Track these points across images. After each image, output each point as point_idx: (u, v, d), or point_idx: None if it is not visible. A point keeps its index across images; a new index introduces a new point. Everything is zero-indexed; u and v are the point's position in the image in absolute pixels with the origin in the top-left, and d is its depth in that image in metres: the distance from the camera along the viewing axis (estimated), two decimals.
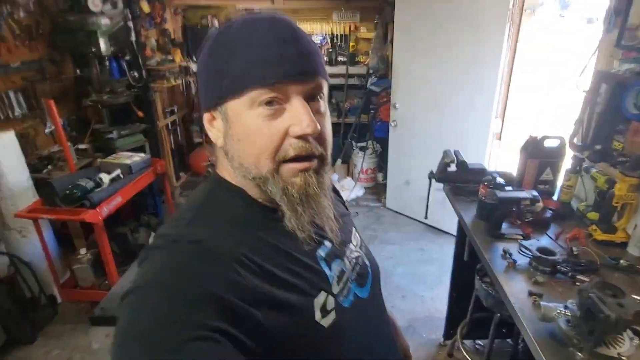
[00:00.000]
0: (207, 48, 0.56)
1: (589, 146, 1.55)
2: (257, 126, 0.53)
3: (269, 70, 0.51)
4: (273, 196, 0.56)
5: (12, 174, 2.16)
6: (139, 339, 0.42)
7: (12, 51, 2.55)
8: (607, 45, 1.59)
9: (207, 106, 0.58)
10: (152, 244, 0.54)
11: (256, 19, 0.54)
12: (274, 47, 0.51)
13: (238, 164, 0.56)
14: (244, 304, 0.48)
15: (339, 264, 0.64)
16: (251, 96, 0.52)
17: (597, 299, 0.81)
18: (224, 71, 0.53)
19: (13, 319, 2.09)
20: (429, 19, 2.86)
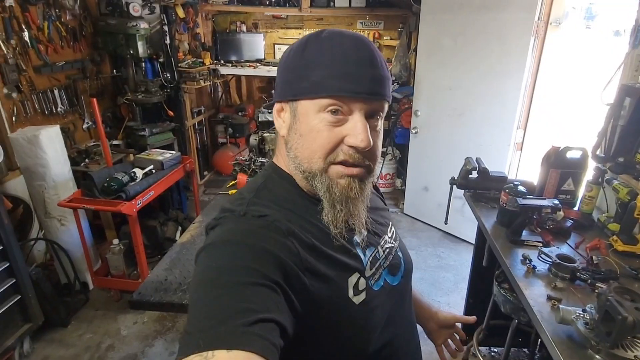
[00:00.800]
0: (296, 49, 0.63)
1: (611, 158, 1.58)
2: (319, 128, 0.61)
3: (343, 85, 0.58)
4: (317, 191, 0.64)
5: (56, 166, 2.31)
6: (216, 274, 0.52)
7: (58, 51, 2.72)
8: (633, 59, 1.63)
9: (281, 98, 0.66)
10: (219, 215, 0.64)
11: (344, 35, 0.62)
12: (353, 66, 0.59)
13: (294, 155, 0.65)
14: (297, 268, 0.57)
15: (373, 251, 0.71)
16: (322, 102, 0.60)
17: (615, 302, 0.86)
18: (306, 75, 0.60)
19: (50, 302, 2.22)
20: (453, 29, 2.91)
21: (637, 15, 1.66)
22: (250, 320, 0.46)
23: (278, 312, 0.50)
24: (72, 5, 2.77)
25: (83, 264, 2.50)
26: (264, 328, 0.47)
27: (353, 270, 0.65)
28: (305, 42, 0.63)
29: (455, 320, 0.98)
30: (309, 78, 0.60)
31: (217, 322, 0.46)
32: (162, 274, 1.65)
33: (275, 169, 0.71)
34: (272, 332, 0.48)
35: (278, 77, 0.67)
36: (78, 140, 2.94)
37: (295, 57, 0.63)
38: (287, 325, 0.52)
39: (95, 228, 2.72)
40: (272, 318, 0.49)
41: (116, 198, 2.24)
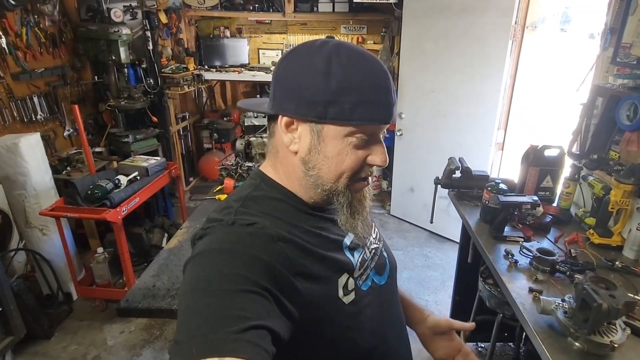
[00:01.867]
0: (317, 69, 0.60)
1: (586, 155, 1.65)
2: (347, 151, 0.63)
3: (374, 114, 0.61)
4: (337, 204, 0.67)
5: (37, 174, 2.26)
6: (205, 282, 0.52)
7: (37, 58, 2.68)
8: (603, 61, 1.70)
9: (300, 116, 0.62)
10: (206, 225, 0.64)
11: (366, 58, 0.62)
12: (381, 94, 0.61)
13: (317, 175, 0.65)
14: (287, 272, 0.58)
15: (361, 252, 0.73)
16: (353, 130, 0.61)
17: (591, 290, 0.90)
18: (338, 100, 0.59)
19: (32, 314, 2.16)
20: (435, 33, 2.98)
21: (606, 19, 1.74)
22: (241, 328, 0.46)
23: (269, 319, 0.51)
24: (51, 11, 2.74)
25: (66, 274, 2.45)
26: (256, 335, 0.47)
27: (343, 271, 0.67)
28: (328, 59, 0.60)
29: (450, 327, 0.86)
30: (339, 104, 0.59)
31: (208, 330, 0.46)
32: (150, 280, 1.63)
33: (264, 178, 0.71)
34: (264, 338, 0.48)
35: (285, 88, 0.63)
36: (59, 148, 2.89)
37: (318, 78, 0.60)
38: (280, 331, 0.52)
39: (79, 237, 2.67)
40: (264, 325, 0.49)
41: (100, 206, 2.21)
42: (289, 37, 4.29)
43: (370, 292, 0.70)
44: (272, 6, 3.85)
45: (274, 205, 0.67)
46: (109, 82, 3.15)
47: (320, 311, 0.62)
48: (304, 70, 0.61)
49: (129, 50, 3.04)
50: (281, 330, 0.53)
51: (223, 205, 0.68)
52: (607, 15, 1.74)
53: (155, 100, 3.41)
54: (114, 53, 2.93)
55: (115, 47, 2.91)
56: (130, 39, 3.02)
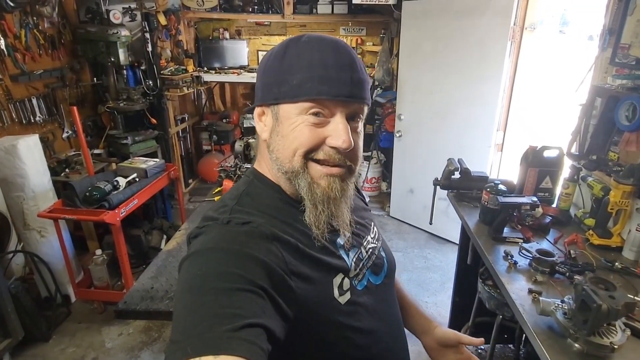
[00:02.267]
0: (276, 53, 0.64)
1: (585, 156, 1.64)
2: (301, 128, 0.62)
3: (323, 88, 0.60)
4: (300, 190, 0.65)
5: (35, 176, 2.26)
6: (200, 281, 0.52)
7: (36, 59, 2.68)
8: (602, 62, 1.70)
9: (262, 102, 0.67)
10: (202, 224, 0.63)
11: (324, 40, 0.63)
12: (332, 69, 0.60)
13: (275, 157, 0.66)
14: (282, 272, 0.58)
15: (356, 252, 0.73)
16: (303, 105, 0.61)
17: (590, 291, 0.89)
18: (286, 79, 0.61)
19: (30, 316, 2.16)
20: (433, 35, 2.99)
21: (605, 20, 1.74)
22: (236, 326, 0.46)
23: (265, 317, 0.51)
24: (50, 13, 2.74)
25: (64, 276, 2.44)
26: (251, 333, 0.47)
27: (337, 271, 0.66)
28: (285, 46, 0.64)
29: (457, 340, 0.84)
30: (289, 82, 0.61)
31: (203, 328, 0.46)
32: (148, 282, 1.62)
33: (257, 175, 0.71)
34: (260, 336, 0.48)
35: (258, 81, 0.68)
36: (58, 149, 2.89)
37: (275, 62, 0.64)
38: (275, 329, 0.52)
39: (77, 239, 2.66)
40: (259, 323, 0.49)
41: (99, 207, 2.20)
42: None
43: (365, 292, 0.70)
44: (271, 8, 3.86)
45: (267, 202, 0.67)
46: (108, 83, 3.15)
47: (316, 311, 0.62)
48: (267, 58, 0.66)
49: (128, 52, 3.04)
50: (276, 329, 0.53)
51: (219, 203, 0.68)
52: (605, 16, 1.74)
53: (154, 102, 3.41)
54: (113, 55, 2.93)
55: (114, 49, 2.91)
56: (129, 41, 3.03)
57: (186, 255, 0.59)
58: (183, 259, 0.58)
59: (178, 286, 0.55)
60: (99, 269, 2.39)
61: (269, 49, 3.42)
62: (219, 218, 0.62)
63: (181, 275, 0.56)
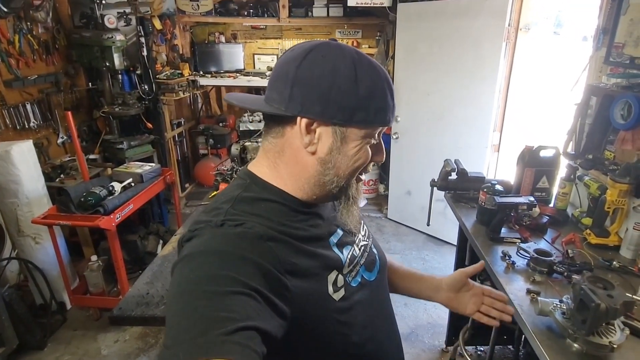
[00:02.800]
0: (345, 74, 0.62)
1: (581, 155, 1.64)
2: (362, 152, 0.67)
3: (390, 117, 0.67)
4: (340, 199, 0.70)
5: (29, 182, 2.24)
6: (193, 285, 0.52)
7: (30, 65, 2.66)
8: (597, 61, 1.71)
9: (325, 119, 0.63)
10: (195, 227, 0.62)
11: (376, 63, 0.67)
12: (392, 99, 0.67)
13: (334, 174, 0.67)
14: (277, 271, 0.58)
15: (349, 249, 0.74)
16: (370, 132, 0.66)
17: (588, 290, 0.89)
18: (364, 106, 0.63)
19: (25, 324, 2.13)
20: (429, 36, 2.99)
21: (599, 20, 1.75)
22: (230, 330, 0.46)
23: (259, 319, 0.50)
24: (44, 18, 2.73)
25: (60, 283, 2.41)
26: (245, 336, 0.47)
27: (332, 268, 0.67)
28: (353, 67, 0.62)
29: (464, 276, 0.90)
30: (366, 110, 0.64)
31: (196, 333, 0.46)
32: (144, 287, 1.60)
33: (254, 178, 0.70)
34: (253, 339, 0.48)
35: (313, 94, 0.62)
36: (52, 155, 2.87)
37: (347, 83, 0.62)
38: (272, 330, 0.52)
39: (73, 245, 2.63)
40: (253, 326, 0.49)
41: (94, 213, 2.18)
42: (284, 42, 4.30)
43: (360, 288, 0.71)
44: (266, 11, 3.87)
45: (265, 206, 0.66)
46: (103, 88, 3.14)
47: (312, 308, 0.62)
48: (331, 73, 0.62)
49: (123, 56, 3.03)
50: (273, 329, 0.52)
51: (211, 206, 0.67)
52: (599, 16, 1.75)
53: (150, 106, 3.40)
54: (108, 59, 2.92)
55: (109, 54, 2.90)
56: (124, 45, 3.01)
57: (178, 258, 0.58)
58: (175, 262, 0.58)
59: (170, 290, 0.54)
60: (94, 275, 2.37)
61: (265, 52, 3.39)
62: (212, 220, 0.61)
63: (173, 279, 0.55)
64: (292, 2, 3.81)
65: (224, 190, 0.72)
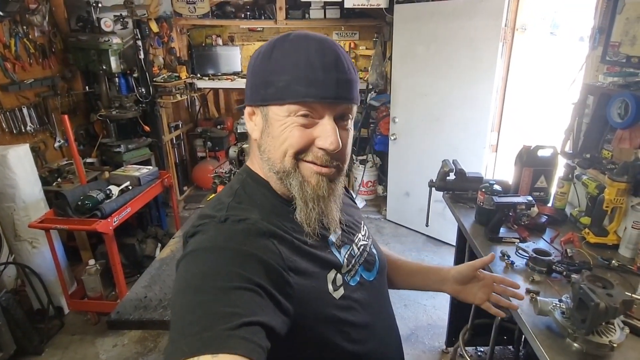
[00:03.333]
0: (263, 53, 0.64)
1: (579, 154, 1.64)
2: (290, 130, 0.62)
3: (310, 90, 0.59)
4: (292, 189, 0.65)
5: (26, 186, 2.23)
6: (198, 280, 0.52)
7: (26, 69, 2.65)
8: (593, 60, 1.71)
9: (251, 103, 0.67)
10: (198, 222, 0.63)
11: (310, 38, 0.62)
12: (318, 71, 0.59)
13: (267, 157, 0.66)
14: (280, 268, 0.58)
15: (348, 249, 0.74)
16: (290, 108, 0.61)
17: (588, 289, 0.88)
18: (272, 81, 0.61)
19: (22, 329, 2.11)
20: (426, 37, 3.00)
21: (595, 20, 1.75)
22: (235, 325, 0.47)
23: (263, 315, 0.51)
24: (41, 22, 2.72)
25: (57, 288, 2.40)
26: (249, 331, 0.47)
27: (330, 267, 0.68)
28: (272, 46, 0.63)
29: (473, 269, 0.87)
30: (275, 84, 0.61)
31: (201, 328, 0.46)
32: (142, 291, 1.59)
33: (250, 173, 0.72)
34: (258, 334, 0.48)
35: (247, 80, 0.68)
36: (50, 159, 2.85)
37: (262, 62, 0.63)
38: (275, 326, 0.52)
39: (70, 250, 2.62)
40: (257, 321, 0.49)
41: (91, 217, 2.17)
42: None
43: (359, 288, 0.72)
44: (263, 14, 3.87)
45: (262, 200, 0.67)
46: (100, 92, 3.13)
47: (313, 305, 0.62)
48: (254, 58, 0.65)
49: (119, 59, 3.03)
50: (276, 325, 0.53)
51: (215, 201, 0.68)
52: (595, 15, 1.75)
53: (147, 109, 3.39)
54: (105, 63, 2.91)
55: (105, 57, 2.89)
56: (121, 49, 3.01)
57: (183, 254, 0.58)
58: (180, 258, 0.58)
59: (175, 285, 0.55)
60: (92, 279, 2.35)
61: None
62: (215, 216, 0.62)
63: (179, 274, 0.56)
64: (289, 4, 3.82)
65: (226, 186, 0.74)
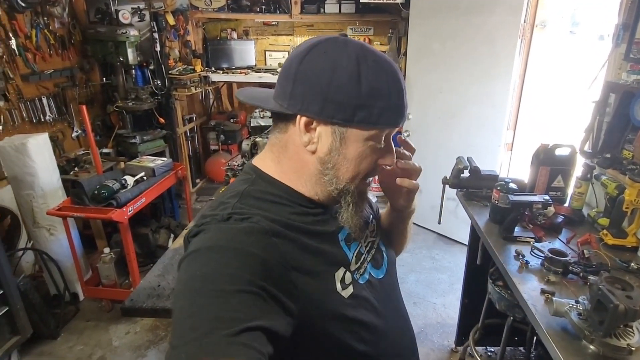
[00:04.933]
0: (348, 71, 0.59)
1: (598, 153, 1.60)
2: (367, 154, 0.64)
3: (398, 119, 0.62)
4: (345, 204, 0.67)
5: (44, 174, 2.28)
6: (199, 283, 0.51)
7: (46, 59, 2.70)
8: (616, 57, 1.66)
9: (324, 118, 0.61)
10: (201, 221, 0.62)
11: (387, 62, 0.62)
12: (401, 98, 0.62)
13: (333, 175, 0.65)
14: (283, 267, 0.57)
15: (357, 246, 0.73)
16: (375, 134, 0.62)
17: (607, 291, 0.87)
18: (366, 105, 0.59)
19: (39, 314, 2.17)
20: (442, 33, 2.95)
21: (619, 16, 1.70)
22: (235, 330, 0.46)
23: (265, 319, 0.50)
24: (61, 14, 2.76)
25: (73, 274, 2.46)
26: (250, 337, 0.47)
27: (339, 265, 0.66)
28: (357, 64, 0.59)
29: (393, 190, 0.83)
30: (369, 109, 0.60)
31: (201, 333, 0.46)
32: (155, 280, 1.62)
33: (260, 173, 0.69)
34: (259, 339, 0.48)
35: (313, 91, 0.60)
36: (67, 149, 2.91)
37: (350, 81, 0.59)
38: (279, 329, 0.51)
39: (86, 238, 2.67)
40: (259, 326, 0.48)
41: (107, 206, 2.21)
42: (295, 39, 4.29)
43: (368, 286, 0.71)
44: (278, 8, 3.86)
45: (271, 201, 0.66)
46: (117, 83, 3.17)
47: (320, 304, 0.61)
48: (331, 70, 0.59)
49: (136, 51, 3.06)
50: (280, 328, 0.52)
51: (218, 201, 0.66)
52: (619, 11, 1.70)
53: (162, 101, 3.43)
54: (122, 55, 2.95)
55: (123, 49, 2.93)
56: (137, 41, 3.04)
57: (185, 254, 0.57)
58: (182, 258, 0.57)
59: (177, 287, 0.54)
60: (106, 267, 2.40)
61: (276, 49, 3.38)
62: (218, 215, 0.61)
63: (180, 275, 0.55)
64: None
65: (230, 185, 0.72)
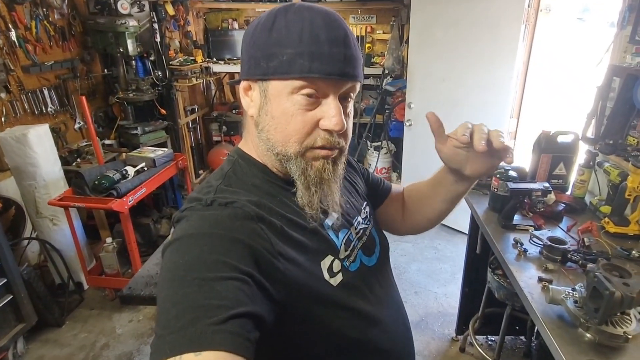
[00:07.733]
0: (263, 23, 0.59)
1: (601, 139, 1.57)
2: (292, 111, 0.58)
3: (315, 65, 0.55)
4: (292, 173, 0.62)
5: (46, 164, 2.29)
6: (183, 271, 0.50)
7: (46, 51, 2.70)
8: (621, 40, 1.61)
9: (248, 76, 0.62)
10: (186, 207, 0.61)
11: (315, 10, 0.58)
12: (325, 45, 0.55)
13: (266, 138, 0.62)
14: (268, 254, 0.56)
15: (346, 233, 0.70)
16: (294, 84, 0.57)
17: (602, 278, 0.85)
18: (275, 53, 0.57)
19: (44, 302, 2.21)
20: (444, 20, 2.89)
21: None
22: (221, 318, 0.45)
23: (252, 304, 0.49)
24: (60, 5, 2.75)
25: (77, 264, 2.49)
26: (237, 324, 0.46)
27: (325, 253, 0.65)
28: (274, 16, 0.58)
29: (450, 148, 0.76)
30: (278, 57, 0.56)
31: (186, 322, 0.44)
32: (153, 268, 1.63)
33: (241, 154, 0.69)
34: (246, 326, 0.47)
35: (244, 52, 0.63)
36: (70, 140, 2.93)
37: (262, 33, 0.59)
38: (264, 315, 0.51)
39: (89, 228, 2.70)
40: (245, 312, 0.47)
41: (107, 196, 2.22)
42: None
43: (359, 273, 0.69)
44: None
45: (252, 182, 0.65)
46: (118, 74, 3.17)
47: (306, 292, 0.60)
48: (253, 28, 0.61)
49: (136, 42, 3.05)
50: (265, 313, 0.51)
51: (204, 184, 0.66)
52: None
53: (163, 92, 3.42)
54: (122, 45, 2.94)
55: (122, 40, 2.92)
56: (137, 32, 3.03)
57: (168, 242, 0.56)
58: (165, 246, 0.56)
59: (160, 275, 0.53)
60: (109, 256, 2.43)
61: None
62: (202, 199, 0.60)
63: (164, 263, 0.54)
64: None
65: (217, 169, 0.71)
